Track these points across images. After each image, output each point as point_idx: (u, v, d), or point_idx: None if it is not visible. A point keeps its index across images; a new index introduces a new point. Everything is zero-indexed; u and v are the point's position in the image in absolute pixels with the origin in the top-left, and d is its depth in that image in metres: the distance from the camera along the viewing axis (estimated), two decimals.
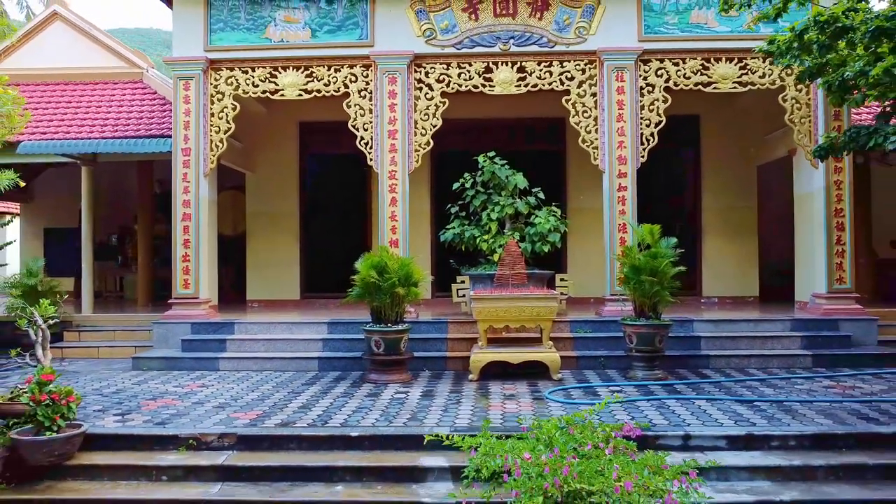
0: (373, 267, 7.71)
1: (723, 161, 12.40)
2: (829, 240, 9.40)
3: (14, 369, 9.31)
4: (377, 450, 5.60)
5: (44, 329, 6.25)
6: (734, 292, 12.26)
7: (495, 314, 7.86)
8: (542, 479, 3.43)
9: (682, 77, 9.50)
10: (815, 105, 9.35)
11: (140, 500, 5.17)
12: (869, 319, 9.12)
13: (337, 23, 9.67)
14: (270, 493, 5.16)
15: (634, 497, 3.33)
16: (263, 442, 5.74)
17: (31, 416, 5.59)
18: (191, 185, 9.67)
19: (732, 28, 9.37)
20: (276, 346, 8.97)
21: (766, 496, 5.03)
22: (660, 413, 6.29)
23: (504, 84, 9.59)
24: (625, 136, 9.41)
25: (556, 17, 9.52)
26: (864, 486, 5.17)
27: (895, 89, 5.27)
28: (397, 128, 9.50)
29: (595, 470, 3.51)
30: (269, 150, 12.62)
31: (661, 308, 7.88)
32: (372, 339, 7.85)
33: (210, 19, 9.75)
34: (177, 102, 9.73)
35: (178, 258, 9.66)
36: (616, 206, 9.45)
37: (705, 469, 5.13)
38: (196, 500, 5.12)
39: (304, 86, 9.67)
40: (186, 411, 6.50)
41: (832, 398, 6.82)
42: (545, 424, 4.11)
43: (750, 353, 8.59)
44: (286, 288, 12.65)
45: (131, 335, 10.38)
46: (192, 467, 5.44)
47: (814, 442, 5.61)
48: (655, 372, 7.80)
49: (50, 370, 5.69)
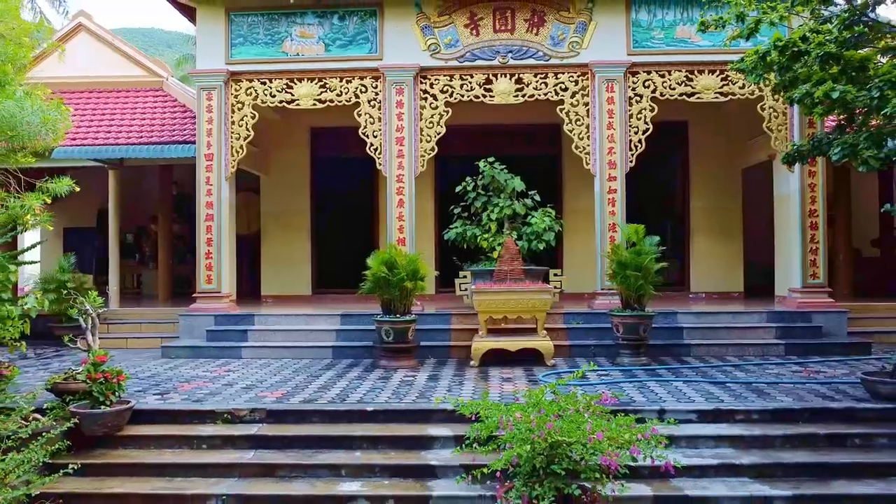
0: (383, 263, 8.49)
1: (710, 164, 13.15)
2: (803, 238, 10.17)
3: (51, 357, 10.15)
4: (390, 422, 6.38)
5: (94, 317, 7.01)
6: (720, 288, 13.02)
7: (494, 306, 8.65)
8: (530, 433, 4.21)
9: (667, 88, 10.26)
10: (791, 114, 10.09)
11: (185, 463, 5.96)
12: (839, 312, 9.88)
13: (348, 38, 10.45)
14: (298, 457, 5.94)
15: (604, 446, 4.11)
16: (290, 416, 6.52)
17: (86, 393, 6.37)
18: (213, 188, 10.46)
19: (714, 42, 10.11)
20: (293, 336, 9.75)
21: (727, 460, 5.81)
22: (641, 393, 7.06)
23: (503, 94, 10.36)
24: (614, 142, 10.18)
25: (552, 32, 10.29)
26: (814, 452, 5.95)
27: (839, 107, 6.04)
28: (404, 135, 10.28)
29: (574, 426, 4.28)
30: (282, 153, 13.39)
31: (645, 300, 8.65)
32: (382, 328, 8.63)
33: (231, 34, 10.53)
34: (200, 111, 10.51)
35: (202, 255, 10.45)
36: (606, 208, 10.23)
37: (676, 438, 5.97)
38: (233, 463, 5.91)
39: (318, 96, 10.45)
40: (218, 391, 7.29)
41: (797, 380, 7.59)
42: (535, 393, 4.88)
43: (728, 343, 9.36)
44: (298, 283, 13.43)
45: (156, 327, 11.17)
46: (229, 437, 6.24)
47: (773, 416, 6.38)
48: (640, 359, 8.58)
49: (103, 352, 6.47)
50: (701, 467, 5.72)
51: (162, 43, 65.54)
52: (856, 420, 6.33)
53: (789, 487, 5.49)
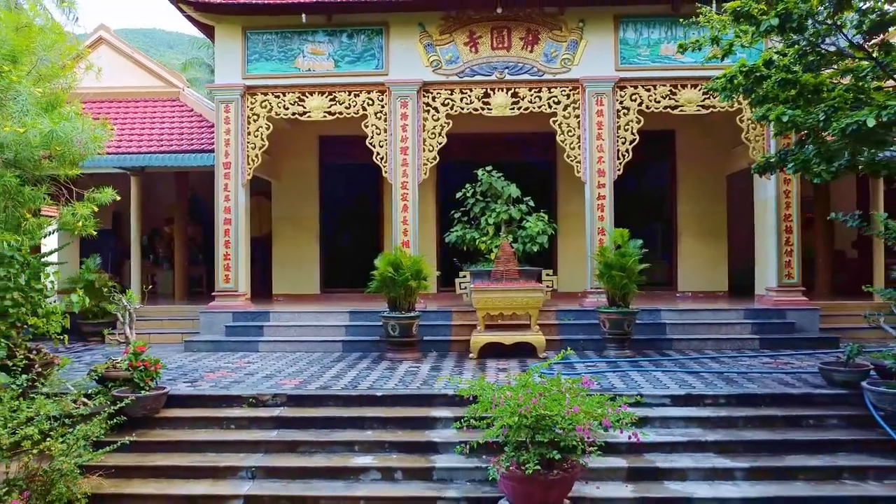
0: (390, 264, 9.28)
1: (696, 170, 13.93)
2: (778, 241, 10.95)
3: (81, 351, 10.93)
4: (397, 406, 7.16)
5: (131, 312, 7.80)
6: (706, 287, 13.79)
7: (491, 304, 9.44)
8: (518, 407, 4.99)
9: (653, 101, 11.05)
10: (768, 126, 10.85)
11: (216, 440, 6.75)
12: (812, 309, 10.66)
13: (356, 55, 11.24)
14: (317, 435, 6.73)
15: (581, 417, 4.89)
16: (307, 400, 7.30)
17: (126, 380, 7.16)
18: (231, 194, 11.25)
19: (696, 59, 10.77)
20: (305, 331, 10.55)
21: (695, 438, 6.60)
22: (622, 381, 7.85)
23: (500, 107, 11.15)
24: (603, 152, 10.97)
25: (545, 50, 11.08)
26: (772, 431, 6.74)
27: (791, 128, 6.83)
28: (408, 145, 11.07)
29: (555, 402, 5.06)
30: (292, 161, 14.18)
31: (629, 298, 9.43)
32: (389, 324, 9.42)
33: (247, 51, 11.33)
34: (218, 123, 11.31)
35: (220, 257, 11.24)
36: (596, 213, 11.01)
37: (651, 419, 6.76)
38: (260, 441, 6.70)
39: (328, 109, 11.24)
40: (241, 380, 8.08)
41: (765, 370, 8.38)
42: (524, 376, 5.66)
43: (708, 337, 10.15)
44: (307, 283, 14.22)
45: (177, 324, 11.96)
46: (254, 418, 7.03)
47: (738, 400, 7.16)
48: (625, 351, 9.37)
49: (143, 343, 7.26)
50: (671, 444, 6.52)
51: (163, 44, 65.96)
52: (812, 403, 7.12)
53: (747, 460, 6.28)
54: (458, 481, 6.09)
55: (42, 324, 7.79)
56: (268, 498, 5.95)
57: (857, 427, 6.78)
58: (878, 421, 6.63)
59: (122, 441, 6.11)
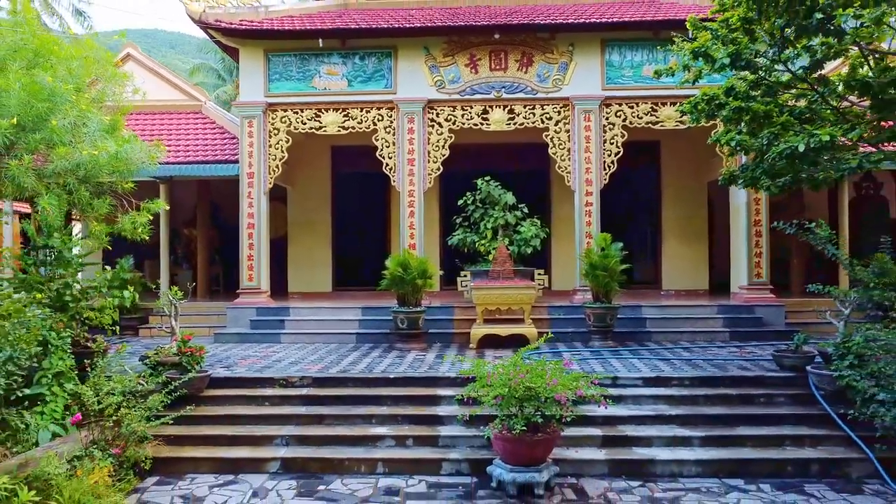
0: (399, 264, 10.45)
1: (679, 178, 15.09)
2: (749, 244, 12.12)
3: (118, 342, 12.06)
4: (408, 386, 8.33)
5: (176, 306, 8.97)
6: (688, 286, 14.96)
7: (489, 299, 10.61)
8: (509, 381, 6.16)
9: (636, 117, 12.22)
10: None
11: (253, 415, 7.93)
12: (778, 306, 11.83)
13: (368, 75, 12.43)
14: (339, 410, 7.90)
15: (559, 388, 6.06)
16: (330, 382, 8.48)
17: (174, 364, 8.32)
18: (254, 200, 12.44)
19: (674, 80, 12.01)
20: (322, 325, 11.73)
21: (661, 412, 7.76)
22: (602, 366, 9.01)
23: (497, 122, 12.33)
24: (591, 163, 12.14)
25: (538, 71, 12.26)
26: (728, 407, 7.90)
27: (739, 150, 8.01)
28: (414, 157, 12.25)
29: (539, 377, 6.23)
30: (306, 169, 15.36)
31: (611, 294, 10.60)
32: (398, 317, 10.59)
33: (269, 72, 12.52)
34: (243, 136, 12.50)
35: (244, 258, 12.43)
36: (584, 218, 12.19)
37: (625, 397, 7.92)
38: (291, 415, 7.87)
39: (342, 124, 12.43)
40: (271, 365, 9.26)
41: (729, 357, 9.55)
42: (514, 358, 6.82)
43: (684, 330, 11.32)
44: (320, 282, 15.41)
45: (203, 318, 13.13)
46: (285, 396, 8.20)
47: (701, 381, 8.32)
48: (608, 342, 10.54)
49: (189, 333, 8.44)
50: (641, 417, 7.68)
51: (165, 44, 66.84)
52: (763, 384, 8.28)
53: (704, 431, 7.44)
54: (459, 447, 7.26)
55: (95, 316, 9.00)
56: (301, 460, 7.12)
57: (801, 404, 7.93)
58: (818, 398, 7.79)
59: (181, 413, 7.27)
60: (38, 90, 7.02)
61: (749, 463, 6.98)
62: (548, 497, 6.32)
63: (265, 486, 6.69)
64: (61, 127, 6.99)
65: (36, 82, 7.02)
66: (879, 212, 14.86)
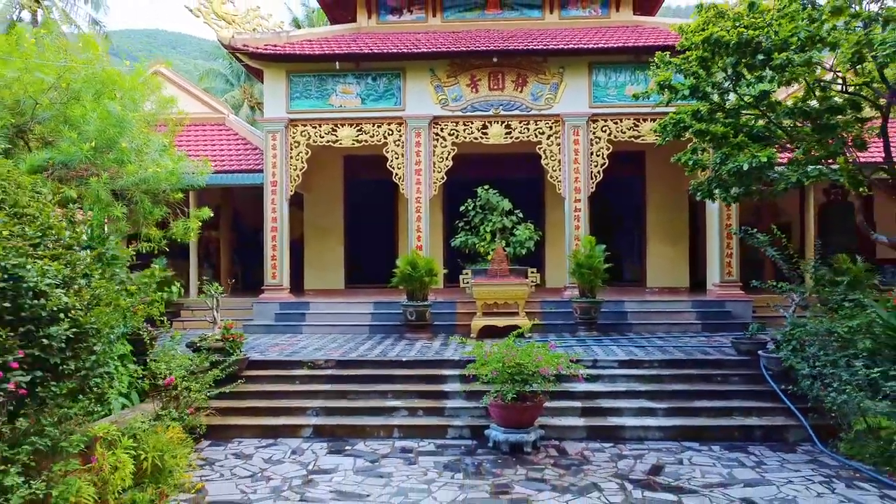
0: (408, 263, 11.87)
1: (662, 184, 16.50)
2: (721, 245, 13.53)
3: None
4: (417, 368, 9.74)
5: (217, 299, 10.38)
6: (670, 283, 16.37)
7: (488, 295, 12.02)
8: (502, 358, 7.58)
9: (620, 132, 13.63)
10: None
11: (287, 391, 9.34)
12: (746, 301, 13.23)
13: (379, 94, 13.84)
14: (359, 387, 9.32)
15: (543, 363, 7.48)
16: (350, 364, 9.89)
17: (217, 349, 9.73)
18: (277, 206, 13.86)
19: (652, 99, 13.45)
20: (339, 318, 13.14)
21: (632, 388, 9.16)
22: (585, 352, 10.41)
23: (496, 136, 13.75)
24: (579, 173, 13.55)
25: (532, 90, 13.67)
26: (689, 384, 9.30)
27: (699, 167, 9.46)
28: (421, 167, 13.66)
29: (527, 356, 7.65)
30: (321, 176, 16.77)
31: (596, 290, 12.00)
32: (407, 310, 12.01)
33: (290, 91, 13.93)
34: (267, 149, 13.92)
35: (268, 258, 13.84)
36: (573, 222, 13.60)
37: (602, 376, 9.32)
38: (318, 391, 9.28)
39: (356, 137, 13.84)
40: (298, 351, 10.67)
41: (696, 345, 10.96)
42: (507, 341, 8.23)
43: (661, 322, 12.72)
44: (334, 280, 16.84)
45: (229, 312, 14.43)
46: (313, 375, 9.62)
47: (668, 364, 9.72)
48: (592, 332, 11.95)
49: (230, 322, 9.85)
50: (615, 392, 9.09)
51: (166, 44, 67.99)
52: (721, 366, 9.67)
53: (667, 403, 8.84)
54: (462, 416, 8.67)
55: (146, 308, 10.40)
56: (329, 426, 8.53)
57: (752, 382, 9.33)
58: (766, 377, 9.19)
59: (230, 389, 8.67)
60: (109, 117, 8.43)
61: (703, 429, 8.37)
62: (535, 454, 7.72)
63: (301, 447, 8.10)
64: (129, 148, 8.40)
65: (107, 110, 8.43)
66: (845, 215, 16.24)
